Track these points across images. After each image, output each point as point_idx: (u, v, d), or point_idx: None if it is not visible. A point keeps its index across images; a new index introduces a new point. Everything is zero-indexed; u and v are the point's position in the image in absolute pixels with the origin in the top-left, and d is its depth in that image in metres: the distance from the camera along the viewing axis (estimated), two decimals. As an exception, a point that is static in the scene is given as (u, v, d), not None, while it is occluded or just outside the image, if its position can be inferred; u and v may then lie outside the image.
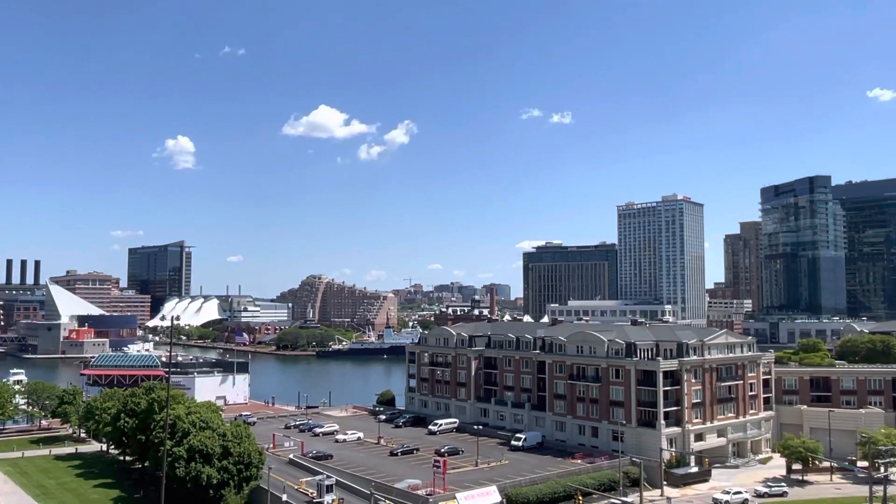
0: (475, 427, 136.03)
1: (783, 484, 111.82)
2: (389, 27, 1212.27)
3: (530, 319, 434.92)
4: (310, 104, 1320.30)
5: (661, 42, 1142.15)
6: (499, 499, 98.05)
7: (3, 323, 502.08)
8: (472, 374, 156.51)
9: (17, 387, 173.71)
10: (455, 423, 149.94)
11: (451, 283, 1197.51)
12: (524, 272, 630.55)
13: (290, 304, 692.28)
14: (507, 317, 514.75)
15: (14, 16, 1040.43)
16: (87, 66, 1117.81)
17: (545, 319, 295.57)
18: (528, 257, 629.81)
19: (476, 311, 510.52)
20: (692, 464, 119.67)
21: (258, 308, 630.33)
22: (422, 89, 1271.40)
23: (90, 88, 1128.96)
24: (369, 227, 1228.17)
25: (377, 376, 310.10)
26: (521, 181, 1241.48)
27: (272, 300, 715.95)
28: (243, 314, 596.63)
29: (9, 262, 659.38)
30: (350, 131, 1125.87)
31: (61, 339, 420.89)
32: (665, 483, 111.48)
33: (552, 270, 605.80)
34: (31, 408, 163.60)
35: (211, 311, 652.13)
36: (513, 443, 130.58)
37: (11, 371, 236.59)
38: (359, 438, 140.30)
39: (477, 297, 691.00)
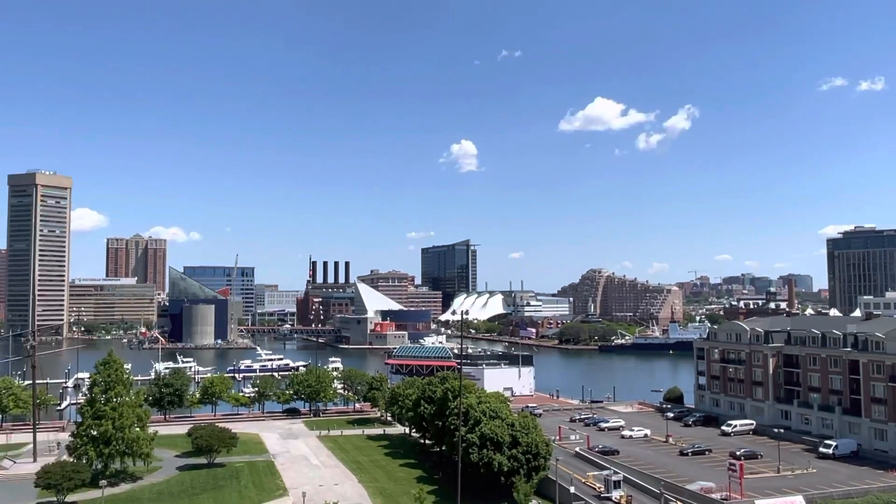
0: (775, 430, 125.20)
1: None
2: (662, 7, 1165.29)
3: (837, 313, 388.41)
4: (585, 98, 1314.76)
5: None
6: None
7: (322, 317, 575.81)
8: (770, 372, 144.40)
9: (334, 373, 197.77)
10: (751, 424, 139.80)
11: (742, 275, 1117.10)
12: (829, 261, 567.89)
13: (571, 299, 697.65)
14: (808, 311, 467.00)
15: (320, 33, 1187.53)
16: (381, 79, 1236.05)
17: (856, 313, 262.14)
18: (834, 244, 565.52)
19: (771, 305, 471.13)
20: None
21: (540, 303, 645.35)
22: (702, 70, 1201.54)
23: (385, 101, 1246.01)
24: (650, 218, 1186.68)
25: (662, 372, 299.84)
26: (823, 160, 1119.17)
27: (553, 295, 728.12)
28: (526, 309, 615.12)
29: (325, 264, 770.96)
30: (627, 121, 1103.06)
31: (368, 332, 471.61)
32: None
33: (864, 258, 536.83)
34: (346, 392, 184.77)
35: (496, 306, 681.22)
36: (821, 450, 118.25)
37: (330, 359, 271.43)
38: (646, 435, 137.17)
39: (772, 290, 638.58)
